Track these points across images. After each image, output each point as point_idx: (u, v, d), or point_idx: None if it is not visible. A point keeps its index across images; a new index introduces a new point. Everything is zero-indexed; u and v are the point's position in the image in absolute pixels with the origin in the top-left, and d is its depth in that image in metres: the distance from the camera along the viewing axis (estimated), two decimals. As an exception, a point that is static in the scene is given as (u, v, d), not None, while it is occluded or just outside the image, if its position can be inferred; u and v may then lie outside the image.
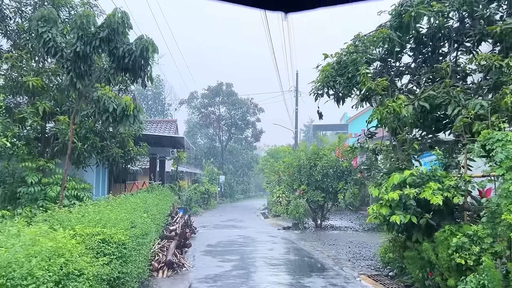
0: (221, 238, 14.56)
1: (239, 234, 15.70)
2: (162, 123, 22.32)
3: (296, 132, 36.04)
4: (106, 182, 18.20)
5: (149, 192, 13.59)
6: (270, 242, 13.66)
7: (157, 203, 11.13)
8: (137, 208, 8.31)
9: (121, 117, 8.23)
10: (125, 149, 12.78)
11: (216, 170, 36.46)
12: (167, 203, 13.15)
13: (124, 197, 9.20)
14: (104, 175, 16.02)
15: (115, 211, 6.74)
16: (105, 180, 16.83)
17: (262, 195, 57.13)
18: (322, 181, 16.32)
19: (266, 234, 15.64)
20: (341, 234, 15.36)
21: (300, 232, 15.95)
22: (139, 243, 6.69)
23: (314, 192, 16.30)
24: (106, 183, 17.87)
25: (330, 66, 8.14)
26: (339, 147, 16.66)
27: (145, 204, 9.36)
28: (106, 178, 16.22)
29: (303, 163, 17.06)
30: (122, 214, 6.87)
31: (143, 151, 13.38)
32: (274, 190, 23.88)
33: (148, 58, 8.73)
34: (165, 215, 11.96)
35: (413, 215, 6.57)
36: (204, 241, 13.64)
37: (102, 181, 17.14)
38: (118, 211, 7.04)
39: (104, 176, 15.88)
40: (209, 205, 31.06)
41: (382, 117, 7.23)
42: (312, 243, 13.15)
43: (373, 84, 7.47)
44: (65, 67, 8.18)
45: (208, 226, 18.69)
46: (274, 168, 26.22)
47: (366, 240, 13.60)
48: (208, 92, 43.26)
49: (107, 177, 16.35)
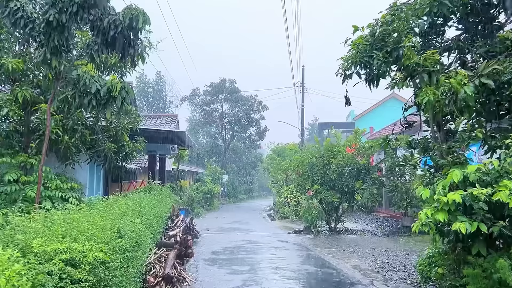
0: (226, 243, 13.09)
1: (246, 238, 14.22)
2: (162, 118, 20.88)
3: (302, 130, 34.55)
4: (102, 181, 16.84)
5: (146, 193, 12.13)
6: (282, 248, 12.17)
7: (154, 205, 9.67)
8: (128, 212, 6.85)
9: (107, 100, 6.75)
10: (119, 144, 11.33)
11: (219, 169, 35.01)
12: (167, 205, 11.69)
13: (115, 198, 7.74)
14: (99, 174, 14.54)
15: (97, 216, 5.29)
16: (100, 179, 15.42)
17: (266, 195, 55.67)
18: (337, 180, 14.83)
19: (276, 239, 14.15)
20: (359, 239, 13.87)
21: (313, 237, 14.46)
22: (127, 258, 5.23)
23: (328, 192, 14.81)
24: (101, 182, 16.51)
25: (364, 39, 6.67)
26: (356, 143, 15.16)
27: (139, 206, 7.89)
28: (101, 177, 14.77)
29: (316, 161, 15.58)
30: (106, 220, 5.41)
31: (140, 147, 11.90)
32: (282, 190, 22.41)
33: (138, 30, 7.26)
34: (164, 219, 10.50)
35: (481, 222, 5.08)
36: (208, 247, 12.17)
37: (97, 180, 15.77)
38: (102, 216, 5.58)
39: (99, 175, 14.42)
40: (212, 205, 29.60)
41: (433, 99, 5.74)
42: (329, 250, 11.66)
43: (421, 58, 5.99)
44: (37, 41, 6.73)
45: (211, 229, 17.23)
46: (281, 167, 24.78)
47: (390, 247, 12.11)
48: (211, 88, 41.81)
49: (102, 176, 14.89)
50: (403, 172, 14.27)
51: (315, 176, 15.20)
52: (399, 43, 6.37)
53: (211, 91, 41.79)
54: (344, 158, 14.89)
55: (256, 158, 44.82)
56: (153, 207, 9.36)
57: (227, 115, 42.60)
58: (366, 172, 14.82)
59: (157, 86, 47.76)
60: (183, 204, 23.31)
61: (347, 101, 7.68)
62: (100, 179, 15.52)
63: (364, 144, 15.09)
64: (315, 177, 15.16)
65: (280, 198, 22.22)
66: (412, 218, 14.79)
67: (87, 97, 6.77)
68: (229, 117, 42.51)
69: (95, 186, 15.62)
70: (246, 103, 41.77)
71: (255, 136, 43.72)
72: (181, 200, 23.02)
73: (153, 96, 47.56)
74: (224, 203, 36.54)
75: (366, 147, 14.98)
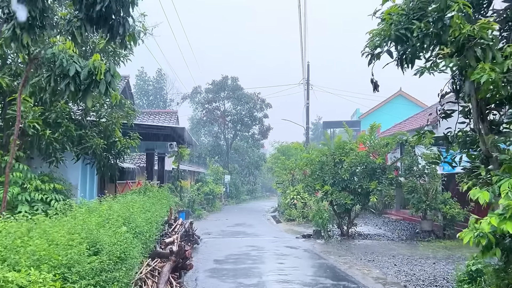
0: (229, 250, 11.90)
1: (251, 244, 13.02)
2: (161, 115, 19.71)
3: (307, 128, 33.35)
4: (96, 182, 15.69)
5: (140, 194, 10.97)
6: (292, 256, 10.97)
7: (148, 208, 8.50)
8: (112, 218, 5.68)
9: (88, 85, 5.58)
10: (109, 140, 10.15)
11: (221, 169, 33.82)
12: (163, 208, 10.51)
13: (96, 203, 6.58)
14: (93, 174, 13.34)
15: (65, 228, 4.13)
16: (94, 179, 14.25)
17: (269, 196, 54.39)
18: (349, 180, 13.62)
19: (283, 245, 12.95)
20: (375, 244, 12.65)
21: (325, 242, 13.25)
22: (105, 281, 4.05)
23: (340, 194, 13.60)
24: (95, 183, 15.35)
25: (399, 8, 5.47)
26: (370, 140, 13.93)
27: (128, 211, 6.71)
28: (95, 178, 13.59)
29: (326, 160, 14.38)
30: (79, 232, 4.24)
31: (133, 143, 10.71)
32: (287, 191, 21.20)
33: (129, 5, 6.11)
34: (160, 224, 9.31)
35: None
36: (210, 255, 10.99)
37: (90, 181, 14.60)
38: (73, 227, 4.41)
39: (92, 175, 13.23)
40: (214, 207, 28.42)
41: (492, 80, 4.54)
42: (345, 259, 10.45)
43: (474, 27, 4.78)
44: (5, 13, 5.57)
45: (213, 233, 16.04)
46: (287, 166, 23.59)
47: (411, 254, 10.89)
48: (213, 86, 40.59)
49: (96, 176, 13.70)
50: (422, 172, 13.05)
51: (326, 175, 13.99)
52: (443, 11, 5.16)
53: (213, 89, 40.59)
54: (357, 156, 13.68)
55: (259, 158, 43.58)
56: (146, 211, 8.19)
57: (229, 113, 41.39)
58: (382, 171, 13.60)
59: (157, 84, 46.60)
60: (183, 206, 22.14)
61: (375, 86, 6.47)
62: (93, 179, 14.35)
63: (379, 141, 13.86)
64: (326, 177, 13.95)
65: (285, 199, 21.01)
66: (432, 222, 13.58)
67: (64, 80, 5.60)
68: (232, 116, 41.30)
69: (88, 187, 14.45)
70: (249, 101, 40.53)
71: (258, 135, 42.47)
72: (181, 201, 21.84)
73: (153, 94, 46.38)
74: (227, 204, 35.35)
75: (382, 144, 13.77)
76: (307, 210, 19.24)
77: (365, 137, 13.99)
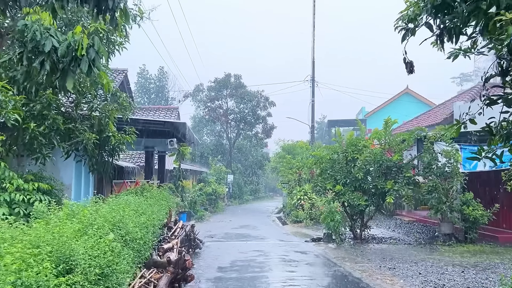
0: (234, 255, 10.95)
1: (257, 248, 12.06)
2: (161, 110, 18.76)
3: (313, 127, 32.29)
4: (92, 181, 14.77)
5: (137, 195, 10.04)
6: (303, 263, 9.99)
7: (144, 210, 7.56)
8: (97, 224, 4.73)
9: (68, 63, 4.64)
10: (102, 135, 9.21)
11: (224, 168, 32.84)
12: (162, 210, 9.57)
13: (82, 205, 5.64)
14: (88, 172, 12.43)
15: (33, 235, 3.19)
16: (90, 179, 13.36)
17: (272, 196, 53.38)
18: (363, 180, 12.64)
19: (292, 249, 11.98)
20: (393, 249, 11.66)
21: (337, 246, 12.27)
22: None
23: (353, 194, 12.63)
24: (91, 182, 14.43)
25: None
26: (385, 137, 12.93)
27: (119, 214, 5.77)
28: (90, 177, 12.67)
29: (338, 157, 13.40)
30: (46, 242, 3.29)
31: (129, 139, 9.76)
32: (294, 191, 20.22)
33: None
34: (158, 228, 8.36)
35: None
36: (213, 261, 10.03)
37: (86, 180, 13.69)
38: (42, 234, 3.46)
39: (88, 174, 12.33)
40: (217, 207, 27.46)
41: None
42: (362, 266, 9.47)
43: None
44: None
45: (216, 236, 15.08)
46: (293, 165, 22.63)
47: (434, 261, 9.90)
48: (215, 84, 39.64)
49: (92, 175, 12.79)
50: (443, 171, 12.05)
51: (338, 175, 13.01)
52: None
53: (215, 86, 39.64)
54: (372, 154, 12.70)
55: (262, 157, 42.61)
56: (141, 214, 7.24)
57: (232, 112, 40.43)
58: (398, 170, 12.62)
59: (159, 82, 45.70)
60: (185, 207, 21.20)
61: (409, 68, 5.48)
62: (89, 179, 13.45)
63: (395, 138, 12.87)
64: (338, 176, 12.97)
65: (292, 200, 20.03)
66: (452, 224, 12.57)
67: (39, 58, 4.67)
68: (235, 114, 40.34)
69: (83, 187, 13.56)
70: (252, 99, 39.55)
71: (262, 134, 41.47)
72: (183, 202, 20.90)
73: (155, 92, 45.48)
74: (230, 204, 34.41)
75: (398, 140, 12.78)
76: (315, 212, 18.27)
77: (380, 133, 12.98)
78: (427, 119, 20.45)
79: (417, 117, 23.79)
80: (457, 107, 17.86)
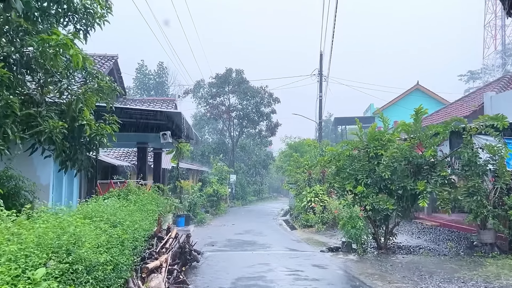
0: (238, 270, 9.12)
1: (265, 260, 10.22)
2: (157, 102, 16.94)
3: (320, 123, 30.36)
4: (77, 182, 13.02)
5: (119, 198, 8.22)
6: (324, 283, 8.10)
7: (121, 220, 5.73)
8: (22, 251, 2.90)
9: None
10: (74, 124, 7.37)
11: (226, 168, 31.01)
12: (149, 217, 7.72)
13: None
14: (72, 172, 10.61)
15: None
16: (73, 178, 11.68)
17: (276, 197, 51.49)
18: (389, 179, 10.78)
19: (308, 262, 10.12)
20: (427, 262, 9.79)
21: (359, 258, 10.41)
22: None
23: (378, 197, 10.78)
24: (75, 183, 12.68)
25: None
26: (416, 128, 11.06)
27: (71, 231, 3.93)
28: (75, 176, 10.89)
29: (359, 154, 11.56)
30: None
31: (109, 129, 7.89)
32: (304, 192, 18.35)
33: None
34: (140, 242, 6.50)
35: None
36: (213, 281, 8.17)
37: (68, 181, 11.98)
38: None
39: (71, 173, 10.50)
40: (219, 209, 25.64)
41: None
42: (398, 286, 7.61)
43: None
44: None
45: (217, 243, 13.25)
46: (300, 164, 20.81)
47: (485, 277, 8.03)
48: (216, 80, 37.81)
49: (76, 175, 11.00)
50: (485, 170, 10.18)
51: (359, 174, 11.16)
52: None
53: (216, 82, 37.83)
54: (399, 150, 10.84)
55: (267, 156, 40.78)
56: (116, 225, 5.42)
57: (234, 108, 38.61)
58: (430, 168, 10.75)
59: (159, 78, 43.93)
60: (183, 210, 19.37)
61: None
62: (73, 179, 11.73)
63: (426, 131, 10.99)
64: (359, 176, 11.11)
65: (301, 202, 18.17)
66: (495, 232, 10.68)
67: None
68: (237, 111, 38.52)
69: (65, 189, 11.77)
70: (256, 95, 37.70)
71: (266, 132, 39.61)
72: (182, 204, 19.08)
73: (154, 88, 43.69)
74: (232, 205, 32.59)
75: (430, 134, 10.91)
76: (327, 215, 16.43)
77: (409, 125, 11.11)
78: (451, 113, 18.57)
79: (437, 111, 21.89)
80: (488, 98, 15.99)
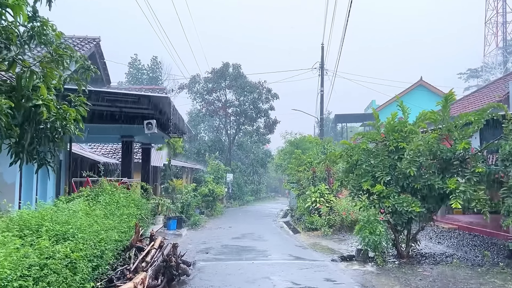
0: (236, 285, 7.49)
1: (269, 273, 8.59)
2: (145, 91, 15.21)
3: (322, 120, 28.77)
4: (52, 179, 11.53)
5: (88, 200, 6.58)
6: (344, 304, 6.51)
7: (76, 230, 4.09)
8: None
9: None
10: (28, 104, 5.72)
11: (223, 166, 29.36)
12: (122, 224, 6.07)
13: None
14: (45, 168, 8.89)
15: None
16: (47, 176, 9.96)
17: (274, 197, 49.85)
18: (414, 177, 9.19)
19: (319, 276, 8.50)
20: (460, 275, 8.20)
21: (380, 270, 8.82)
22: None
23: (400, 197, 9.20)
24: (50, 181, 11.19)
25: None
26: (444, 117, 9.47)
27: None
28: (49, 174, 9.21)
29: (376, 148, 9.98)
30: None
31: (74, 112, 6.21)
32: (307, 192, 16.75)
33: None
34: (105, 259, 4.86)
35: None
36: (205, 301, 6.56)
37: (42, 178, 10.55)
38: None
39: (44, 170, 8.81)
40: (215, 210, 23.98)
41: None
42: (439, 311, 6.01)
43: None
44: None
45: (212, 250, 11.62)
46: (302, 162, 19.21)
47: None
48: (212, 75, 36.12)
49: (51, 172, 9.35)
50: (528, 164, 8.60)
51: (377, 170, 9.57)
52: None
53: (212, 77, 36.14)
54: (424, 142, 9.25)
55: (265, 155, 39.16)
56: (70, 236, 3.78)
57: (231, 105, 36.94)
58: (461, 163, 9.16)
59: (152, 73, 42.15)
60: (176, 211, 17.68)
61: None
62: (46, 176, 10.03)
63: (456, 121, 9.39)
64: (377, 172, 9.52)
65: (304, 202, 16.57)
66: (536, 239, 9.12)
67: None
68: (234, 107, 36.86)
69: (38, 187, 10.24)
70: (253, 91, 36.06)
71: (264, 129, 37.96)
72: (174, 205, 17.42)
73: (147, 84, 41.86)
74: (229, 206, 30.94)
75: (460, 124, 9.32)
76: (334, 217, 14.85)
77: (436, 114, 9.52)
78: (468, 107, 17.02)
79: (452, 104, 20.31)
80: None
